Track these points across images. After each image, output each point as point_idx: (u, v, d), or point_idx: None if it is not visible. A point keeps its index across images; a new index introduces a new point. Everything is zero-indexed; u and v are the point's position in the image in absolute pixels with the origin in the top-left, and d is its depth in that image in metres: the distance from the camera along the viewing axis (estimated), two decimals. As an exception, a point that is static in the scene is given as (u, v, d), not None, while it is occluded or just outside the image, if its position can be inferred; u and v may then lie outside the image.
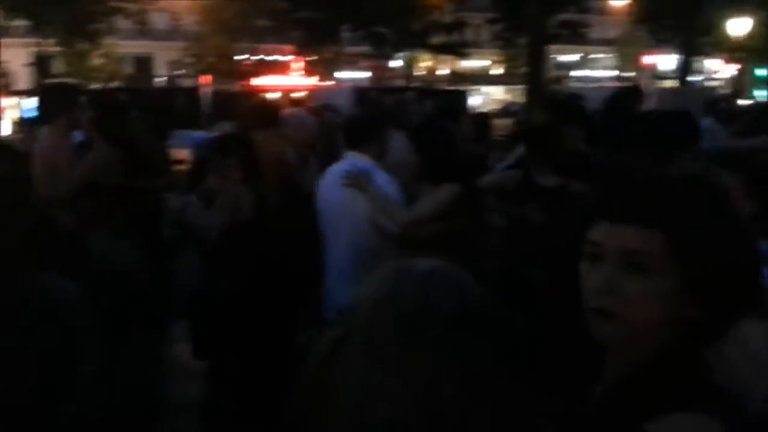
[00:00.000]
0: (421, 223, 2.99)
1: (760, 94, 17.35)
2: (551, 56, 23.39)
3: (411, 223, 2.98)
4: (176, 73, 28.92)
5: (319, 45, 22.53)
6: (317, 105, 7.89)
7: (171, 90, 20.73)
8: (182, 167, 5.07)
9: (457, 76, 31.79)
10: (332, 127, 5.34)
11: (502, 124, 10.24)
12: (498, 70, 33.64)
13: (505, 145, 5.47)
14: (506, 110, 21.83)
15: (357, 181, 3.02)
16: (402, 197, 3.18)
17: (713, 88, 24.10)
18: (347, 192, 3.05)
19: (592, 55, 35.77)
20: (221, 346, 2.78)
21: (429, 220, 3.02)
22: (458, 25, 23.51)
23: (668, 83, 24.79)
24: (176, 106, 13.51)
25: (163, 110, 9.20)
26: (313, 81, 22.64)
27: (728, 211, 1.11)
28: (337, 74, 24.68)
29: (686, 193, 1.09)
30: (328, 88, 18.83)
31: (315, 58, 24.03)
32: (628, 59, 32.27)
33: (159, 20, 30.23)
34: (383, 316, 1.04)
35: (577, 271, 1.11)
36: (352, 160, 3.19)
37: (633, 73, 30.35)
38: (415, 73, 29.27)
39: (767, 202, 2.09)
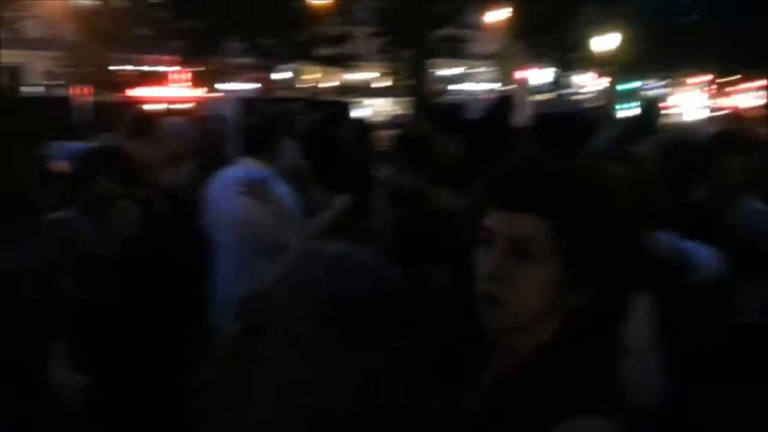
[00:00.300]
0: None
1: (624, 107, 18.54)
2: (434, 70, 24.04)
3: (315, 237, 2.98)
4: (51, 83, 27.53)
5: (201, 56, 22.12)
6: (202, 115, 7.79)
7: (43, 100, 19.72)
8: (59, 179, 4.88)
9: (345, 89, 32.00)
10: (218, 136, 5.32)
11: (388, 135, 10.41)
12: (385, 83, 34.14)
13: (390, 155, 5.62)
14: (392, 122, 22.18)
15: (256, 190, 2.96)
16: (298, 206, 3.18)
17: (583, 101, 25.50)
18: (243, 200, 2.99)
19: (473, 69, 36.94)
20: (107, 361, 2.72)
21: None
22: (343, 38, 23.75)
23: (542, 96, 25.98)
24: (50, 117, 12.87)
25: (36, 121, 8.77)
26: (198, 92, 22.19)
27: (615, 202, 1.13)
28: (222, 86, 24.30)
29: (575, 183, 1.10)
30: (213, 99, 18.51)
31: (199, 69, 23.57)
32: (506, 73, 33.57)
33: (32, 29, 28.73)
34: (299, 303, 0.97)
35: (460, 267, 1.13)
36: (248, 167, 3.13)
37: (511, 86, 31.62)
38: (301, 85, 29.24)
39: (651, 192, 2.28)
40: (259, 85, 24.96)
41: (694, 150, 2.93)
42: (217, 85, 23.36)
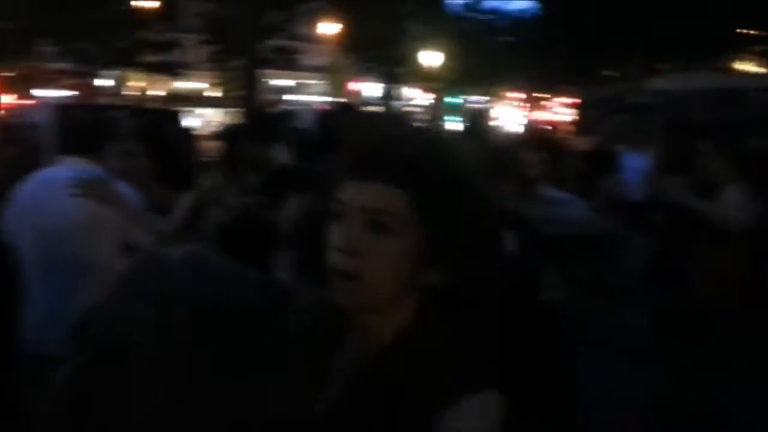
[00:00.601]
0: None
1: (450, 120, 19.52)
2: (266, 80, 23.91)
3: (170, 234, 2.83)
4: None
5: (11, 59, 20.48)
6: (13, 122, 7.25)
7: None
8: None
9: (174, 97, 30.95)
10: (29, 144, 4.99)
11: (218, 146, 10.24)
12: (216, 93, 33.41)
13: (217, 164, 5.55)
14: (220, 132, 21.72)
15: (95, 190, 2.70)
16: (142, 205, 2.97)
17: (411, 114, 26.48)
18: (81, 203, 2.70)
19: (306, 81, 37.14)
20: None
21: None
22: (171, 45, 22.99)
23: (373, 108, 26.66)
24: None
25: None
26: (7, 98, 20.53)
27: (472, 177, 1.09)
28: (36, 92, 22.65)
29: (433, 154, 1.07)
30: (24, 105, 17.22)
31: (9, 73, 21.80)
32: (338, 85, 34.11)
33: None
34: (167, 319, 0.81)
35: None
36: (76, 166, 2.85)
37: (343, 99, 32.17)
38: (126, 93, 27.94)
39: None
40: (78, 92, 23.54)
41: (501, 148, 3.19)
42: (31, 91, 21.73)
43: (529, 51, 29.83)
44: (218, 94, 31.81)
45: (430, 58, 27.92)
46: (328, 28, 24.07)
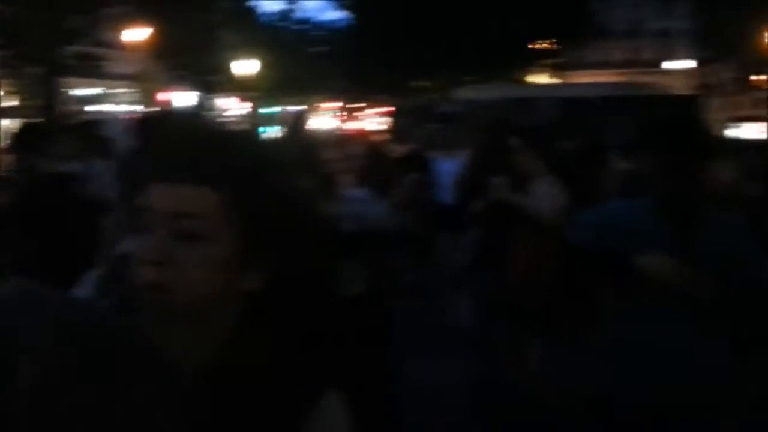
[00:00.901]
0: None
1: (267, 130, 19.42)
2: (68, 89, 22.39)
3: None
4: None
5: None
6: None
7: None
8: None
9: (-42, 107, 28.07)
10: None
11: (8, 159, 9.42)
12: (10, 102, 30.76)
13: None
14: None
15: None
16: None
17: (228, 124, 26.05)
18: None
19: (113, 90, 35.28)
20: None
21: None
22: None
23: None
24: None
25: None
26: None
27: (284, 174, 1.04)
28: None
29: (242, 152, 1.01)
30: None
31: None
32: (148, 94, 32.74)
33: None
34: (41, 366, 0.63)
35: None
36: None
37: (155, 108, 30.86)
38: None
39: None
40: None
41: (304, 147, 3.25)
42: None
43: (342, 61, 30.47)
44: (13, 103, 29.31)
45: (245, 67, 27.58)
46: (136, 34, 22.98)
